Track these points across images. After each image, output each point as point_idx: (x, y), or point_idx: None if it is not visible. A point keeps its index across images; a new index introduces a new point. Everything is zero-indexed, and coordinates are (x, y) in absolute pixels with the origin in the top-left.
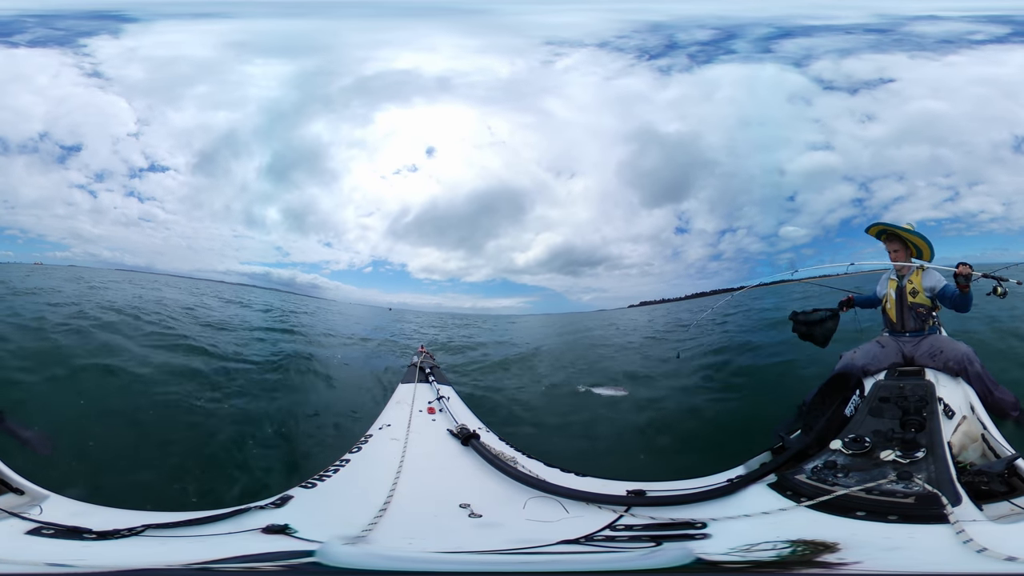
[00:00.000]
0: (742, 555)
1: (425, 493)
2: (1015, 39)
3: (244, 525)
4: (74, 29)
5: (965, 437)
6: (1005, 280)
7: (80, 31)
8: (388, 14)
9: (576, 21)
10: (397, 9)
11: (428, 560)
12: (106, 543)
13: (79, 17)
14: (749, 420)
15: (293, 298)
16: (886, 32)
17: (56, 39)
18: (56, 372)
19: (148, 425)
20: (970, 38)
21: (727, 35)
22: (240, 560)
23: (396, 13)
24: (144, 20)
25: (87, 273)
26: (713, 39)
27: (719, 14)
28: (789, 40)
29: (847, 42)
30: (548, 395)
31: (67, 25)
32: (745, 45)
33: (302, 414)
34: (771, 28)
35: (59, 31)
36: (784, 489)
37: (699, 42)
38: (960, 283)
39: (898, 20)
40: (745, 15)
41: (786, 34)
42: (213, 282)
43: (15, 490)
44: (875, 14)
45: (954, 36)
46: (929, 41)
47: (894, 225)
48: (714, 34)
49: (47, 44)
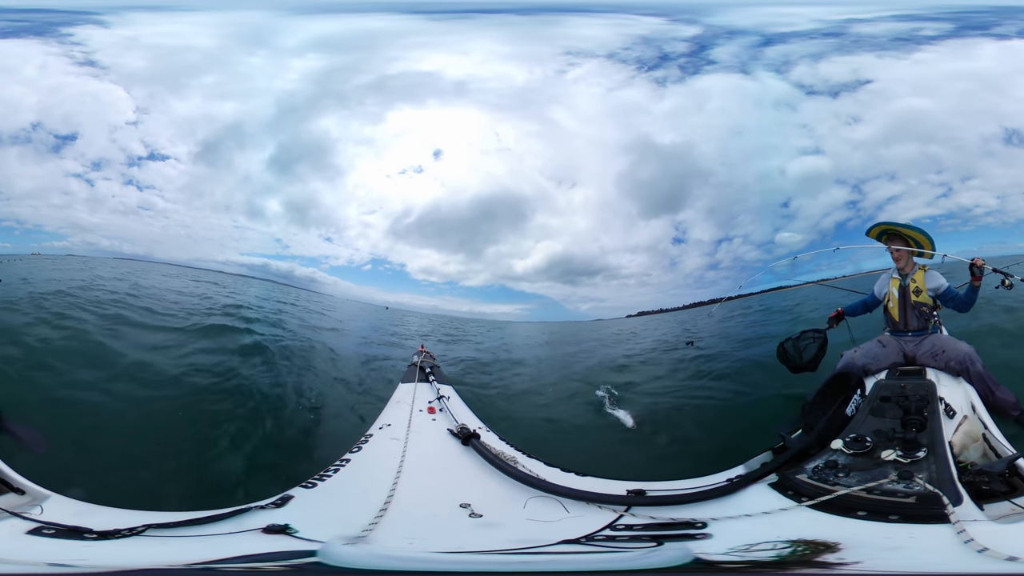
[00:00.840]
0: (742, 555)
1: (425, 493)
2: (970, 32)
3: (245, 525)
4: (53, 20)
5: (966, 437)
6: (1011, 276)
7: (60, 21)
8: (443, 15)
9: (594, 34)
10: (453, 10)
11: (428, 560)
12: (107, 543)
13: (66, 11)
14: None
15: (291, 296)
16: (839, 35)
17: (32, 29)
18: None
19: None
20: (920, 34)
21: (701, 46)
22: (242, 560)
23: (451, 15)
24: (161, 9)
25: (86, 263)
26: (691, 50)
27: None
28: (769, 48)
29: (814, 47)
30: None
31: (45, 18)
32: (724, 54)
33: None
34: (756, 36)
35: (33, 22)
36: (785, 489)
37: (683, 53)
38: (975, 274)
39: (837, 24)
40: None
41: (767, 42)
42: (212, 271)
43: (16, 490)
44: (815, 19)
45: (903, 34)
46: (882, 40)
47: (894, 223)
48: (691, 46)
49: (21, 35)
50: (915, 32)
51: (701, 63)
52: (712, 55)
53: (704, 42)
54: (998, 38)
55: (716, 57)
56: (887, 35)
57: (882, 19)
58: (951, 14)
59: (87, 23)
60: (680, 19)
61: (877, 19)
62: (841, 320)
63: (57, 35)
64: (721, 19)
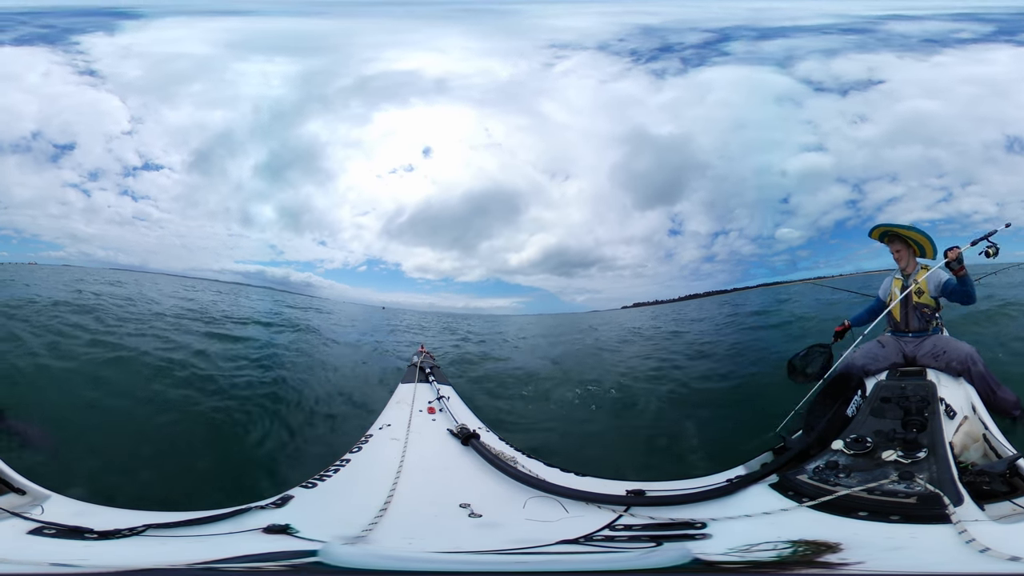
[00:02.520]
0: (742, 555)
1: (425, 493)
2: (1000, 37)
3: (245, 525)
4: (63, 27)
5: (967, 437)
6: (993, 244)
7: (73, 28)
8: (411, 16)
9: (581, 25)
10: (421, 10)
11: (428, 560)
12: (108, 543)
13: (75, 15)
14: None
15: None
16: (866, 32)
17: (44, 36)
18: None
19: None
20: (955, 36)
21: (720, 37)
22: (242, 560)
23: (418, 15)
24: (148, 16)
25: (81, 274)
26: (705, 42)
27: (691, 17)
28: (769, 41)
29: (828, 43)
30: None
31: (60, 23)
32: (738, 47)
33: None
34: (754, 31)
35: (46, 29)
36: (785, 489)
37: (692, 45)
38: (954, 268)
39: (869, 20)
40: (718, 17)
41: (764, 36)
42: (207, 280)
43: (17, 490)
44: (838, 15)
45: (938, 35)
46: (913, 40)
47: (895, 224)
48: (706, 37)
49: (33, 42)
50: (951, 34)
51: (711, 54)
52: (727, 47)
53: (724, 34)
54: (1020, 44)
55: (730, 49)
56: (921, 34)
57: (925, 17)
58: (997, 16)
59: (97, 30)
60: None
61: (921, 16)
62: (846, 333)
63: (65, 43)
64: (740, 13)
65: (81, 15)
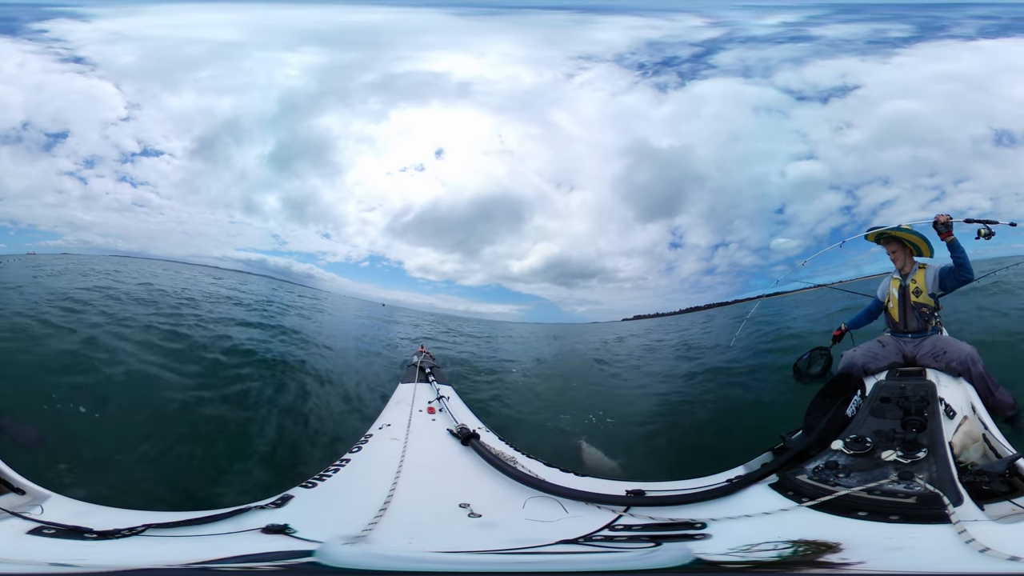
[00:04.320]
0: (742, 555)
1: (425, 493)
2: (931, 35)
3: (244, 525)
4: (18, 17)
5: (966, 437)
6: (988, 224)
7: (28, 17)
8: (480, 14)
9: (607, 37)
10: (483, 9)
11: (428, 560)
12: (107, 543)
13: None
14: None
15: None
16: (812, 40)
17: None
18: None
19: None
20: (888, 36)
21: (706, 51)
22: (239, 560)
23: (481, 13)
24: (161, 1)
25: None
26: (694, 55)
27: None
28: (750, 52)
29: (790, 52)
30: None
31: (9, 13)
32: (722, 59)
33: None
34: (731, 41)
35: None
36: (785, 489)
37: (685, 59)
38: (940, 231)
39: (799, 25)
40: (694, 29)
41: (718, 48)
42: (208, 267)
43: (16, 490)
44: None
45: (871, 36)
46: (859, 43)
47: (889, 228)
48: (694, 51)
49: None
50: (880, 33)
51: (700, 67)
52: (714, 59)
53: (711, 46)
54: (964, 39)
55: (717, 61)
56: (860, 38)
57: (832, 21)
58: (899, 12)
59: (60, 16)
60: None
61: (827, 20)
62: (843, 337)
63: (27, 32)
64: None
65: (32, 5)
